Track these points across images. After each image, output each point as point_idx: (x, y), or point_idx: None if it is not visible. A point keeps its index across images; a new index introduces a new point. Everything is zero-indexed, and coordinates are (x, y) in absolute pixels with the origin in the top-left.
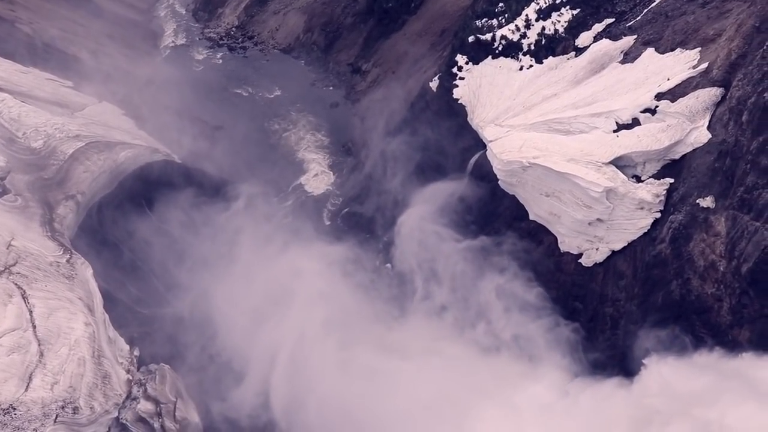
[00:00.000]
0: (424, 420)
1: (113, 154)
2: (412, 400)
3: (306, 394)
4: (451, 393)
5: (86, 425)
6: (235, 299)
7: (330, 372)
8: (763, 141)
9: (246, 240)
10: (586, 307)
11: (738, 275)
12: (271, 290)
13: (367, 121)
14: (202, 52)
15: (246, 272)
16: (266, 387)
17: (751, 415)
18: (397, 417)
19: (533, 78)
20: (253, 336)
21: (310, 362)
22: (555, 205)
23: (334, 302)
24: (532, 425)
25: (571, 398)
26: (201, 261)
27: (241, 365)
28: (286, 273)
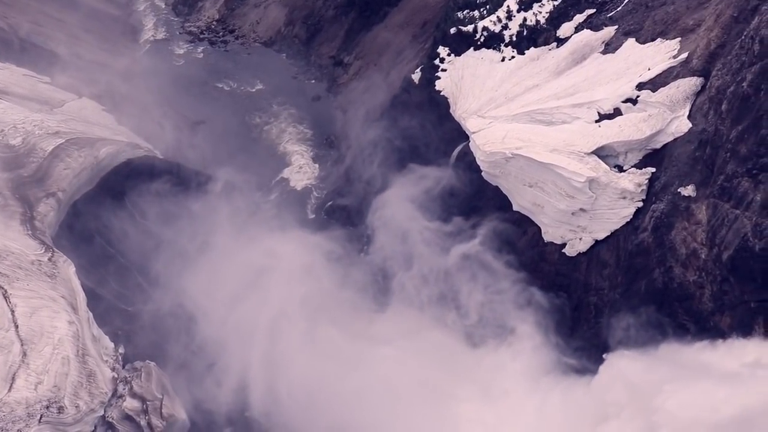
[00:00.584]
0: (400, 403)
1: (94, 150)
2: (386, 385)
3: (280, 381)
4: (429, 378)
5: (72, 424)
6: (219, 294)
7: (303, 356)
8: (743, 130)
9: (229, 235)
10: (570, 296)
11: (719, 263)
12: (252, 282)
13: (350, 114)
14: (182, 46)
15: (229, 267)
16: (245, 378)
17: (692, 399)
18: (370, 400)
19: (515, 69)
20: (233, 328)
21: (285, 349)
22: (538, 196)
23: (311, 289)
24: (506, 415)
25: (543, 391)
26: (184, 257)
27: (222, 358)
28: (267, 263)
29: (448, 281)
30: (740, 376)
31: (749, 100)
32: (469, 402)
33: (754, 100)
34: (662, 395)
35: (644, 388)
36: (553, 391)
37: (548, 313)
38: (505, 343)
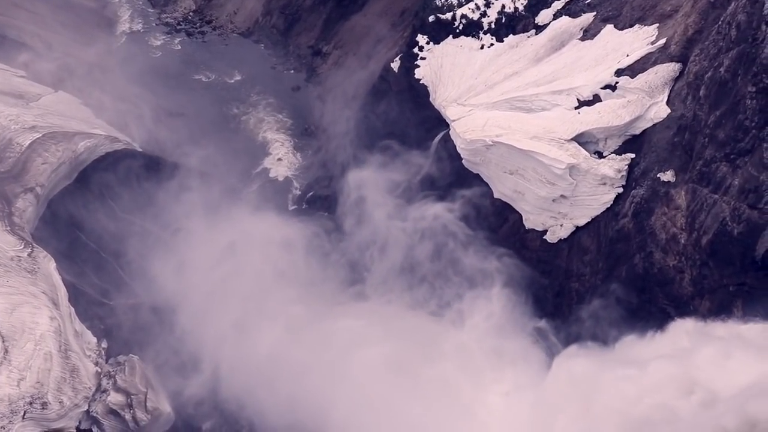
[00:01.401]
0: (371, 381)
1: (72, 144)
2: (350, 363)
3: (248, 363)
4: (401, 358)
5: (56, 420)
6: (200, 285)
7: (275, 336)
8: (720, 115)
9: (211, 227)
10: (552, 282)
11: (698, 247)
12: (232, 272)
13: (330, 104)
14: (159, 37)
15: (210, 258)
16: (218, 367)
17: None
18: (343, 381)
19: (494, 57)
20: (210, 317)
21: (256, 332)
22: (519, 183)
23: (287, 271)
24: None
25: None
26: (165, 249)
27: (200, 348)
28: (246, 252)
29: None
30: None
31: (726, 86)
32: (437, 380)
33: (732, 85)
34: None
35: (587, 382)
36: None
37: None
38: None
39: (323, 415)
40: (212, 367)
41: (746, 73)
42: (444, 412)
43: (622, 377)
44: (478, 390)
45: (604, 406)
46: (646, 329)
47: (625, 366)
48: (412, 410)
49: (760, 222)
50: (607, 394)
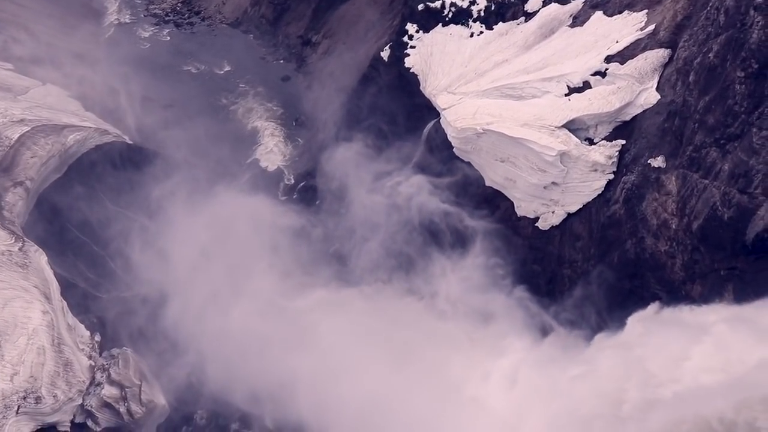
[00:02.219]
0: (338, 348)
1: (61, 137)
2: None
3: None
4: (369, 326)
5: (50, 414)
6: (190, 276)
7: (252, 315)
8: (710, 100)
9: (200, 218)
10: (545, 269)
11: (689, 232)
12: (222, 259)
13: (320, 94)
14: (147, 29)
15: (198, 248)
16: (203, 353)
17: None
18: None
19: (484, 44)
20: (200, 308)
21: (238, 314)
22: (510, 171)
23: (270, 256)
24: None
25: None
26: (157, 241)
27: (188, 336)
28: (237, 244)
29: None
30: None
31: (715, 71)
32: (404, 345)
33: (720, 70)
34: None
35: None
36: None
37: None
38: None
39: (291, 385)
40: (198, 352)
41: (735, 58)
42: (411, 374)
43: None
44: (443, 351)
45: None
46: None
47: (577, 364)
48: (381, 375)
49: (750, 206)
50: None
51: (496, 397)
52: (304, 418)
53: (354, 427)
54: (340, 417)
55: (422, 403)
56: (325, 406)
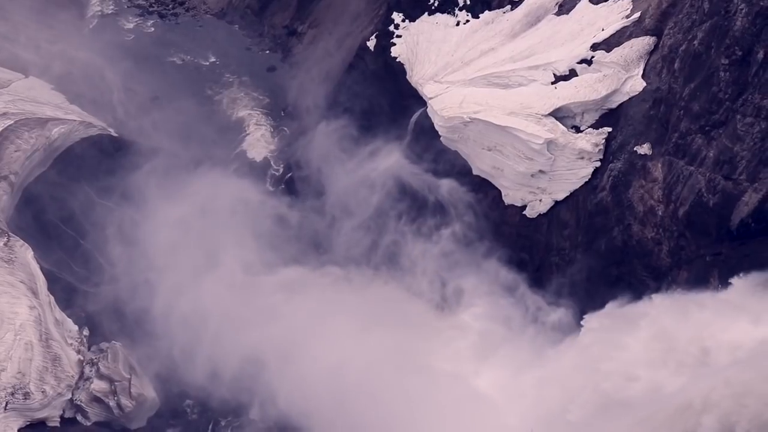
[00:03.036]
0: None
1: (45, 131)
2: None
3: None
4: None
5: (39, 410)
6: (177, 267)
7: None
8: (695, 87)
9: (185, 208)
10: (533, 257)
11: (675, 219)
12: (208, 253)
13: (306, 84)
14: (131, 20)
15: (188, 241)
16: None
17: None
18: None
19: (470, 33)
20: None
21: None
22: (497, 159)
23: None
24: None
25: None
26: (144, 234)
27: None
28: (224, 234)
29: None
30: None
31: (700, 58)
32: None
33: (705, 57)
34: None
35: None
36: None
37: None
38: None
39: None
40: (184, 339)
41: (719, 45)
42: (378, 346)
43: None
44: (412, 325)
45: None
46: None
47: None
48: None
49: (735, 193)
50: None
51: (460, 369)
52: (276, 389)
53: (323, 395)
54: (309, 387)
55: (387, 374)
56: (296, 377)
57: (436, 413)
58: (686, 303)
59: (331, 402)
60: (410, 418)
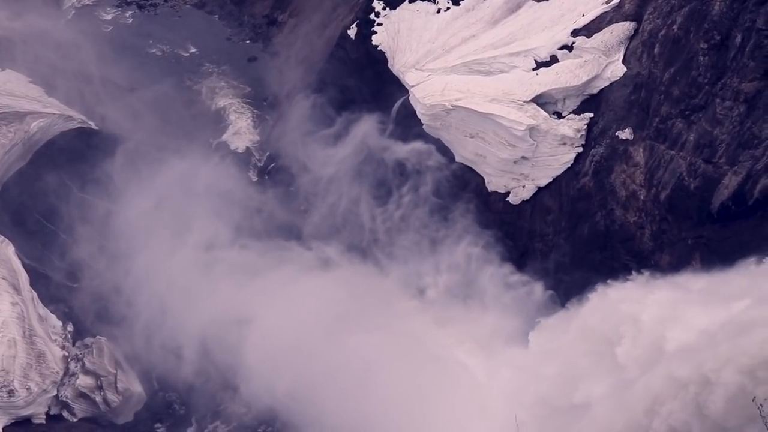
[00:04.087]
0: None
1: (24, 125)
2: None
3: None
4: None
5: (24, 407)
6: (160, 261)
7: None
8: (675, 72)
9: (168, 200)
10: (516, 243)
11: (657, 203)
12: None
13: (288, 74)
14: (109, 11)
15: (168, 232)
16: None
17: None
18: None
19: (451, 20)
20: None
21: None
22: (480, 146)
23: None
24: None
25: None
26: (125, 227)
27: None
28: (204, 224)
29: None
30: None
31: (680, 43)
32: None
33: (684, 42)
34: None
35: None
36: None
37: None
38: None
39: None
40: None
41: (698, 30)
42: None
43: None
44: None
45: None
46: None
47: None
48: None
49: (715, 176)
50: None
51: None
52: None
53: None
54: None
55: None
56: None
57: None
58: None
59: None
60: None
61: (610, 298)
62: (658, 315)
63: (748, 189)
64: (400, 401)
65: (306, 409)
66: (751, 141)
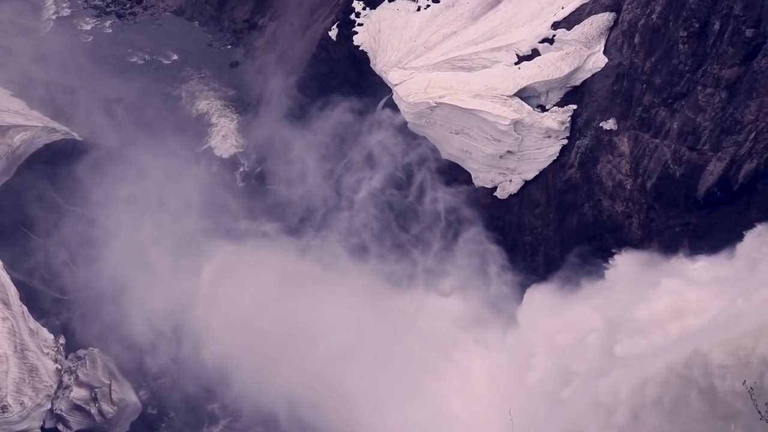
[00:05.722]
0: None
1: (7, 138)
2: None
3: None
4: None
5: (18, 422)
6: (150, 266)
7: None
8: (656, 61)
9: (154, 208)
10: (506, 237)
11: (644, 191)
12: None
13: (271, 77)
14: (89, 21)
15: (155, 238)
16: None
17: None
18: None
19: (431, 18)
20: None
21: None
22: (465, 142)
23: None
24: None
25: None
26: (113, 238)
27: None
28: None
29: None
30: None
31: (659, 32)
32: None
33: (664, 31)
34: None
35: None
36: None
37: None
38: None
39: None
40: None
41: (677, 18)
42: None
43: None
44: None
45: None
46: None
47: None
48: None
49: (700, 162)
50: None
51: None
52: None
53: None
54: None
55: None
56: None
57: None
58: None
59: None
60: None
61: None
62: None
63: (732, 174)
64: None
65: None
66: (734, 126)
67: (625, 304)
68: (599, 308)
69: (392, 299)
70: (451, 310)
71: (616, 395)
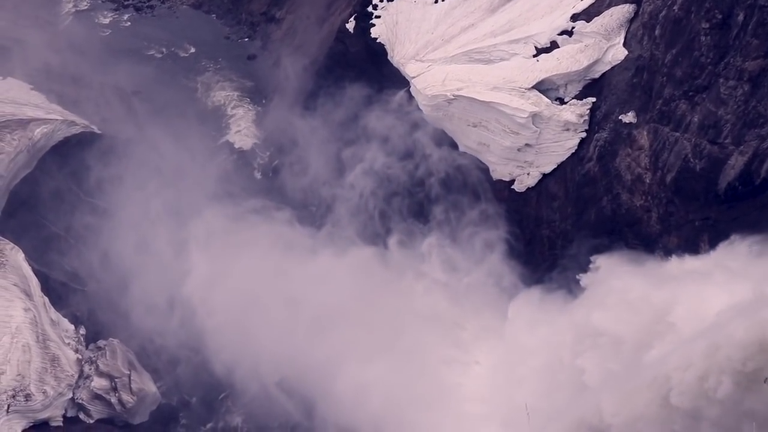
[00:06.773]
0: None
1: (28, 132)
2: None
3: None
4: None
5: (41, 410)
6: (166, 260)
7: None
8: (677, 53)
9: (176, 202)
10: (523, 231)
11: (663, 185)
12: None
13: (288, 70)
14: (107, 15)
15: (171, 233)
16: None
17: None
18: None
19: (449, 10)
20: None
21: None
22: (483, 135)
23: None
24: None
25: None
26: (132, 229)
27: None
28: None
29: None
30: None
31: (681, 23)
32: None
33: (686, 22)
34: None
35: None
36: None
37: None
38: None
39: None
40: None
41: (699, 9)
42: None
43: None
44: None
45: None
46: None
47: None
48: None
49: (721, 156)
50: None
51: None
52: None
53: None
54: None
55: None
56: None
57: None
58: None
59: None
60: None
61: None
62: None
63: (754, 168)
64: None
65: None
66: (757, 120)
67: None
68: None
69: (392, 283)
70: (450, 293)
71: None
